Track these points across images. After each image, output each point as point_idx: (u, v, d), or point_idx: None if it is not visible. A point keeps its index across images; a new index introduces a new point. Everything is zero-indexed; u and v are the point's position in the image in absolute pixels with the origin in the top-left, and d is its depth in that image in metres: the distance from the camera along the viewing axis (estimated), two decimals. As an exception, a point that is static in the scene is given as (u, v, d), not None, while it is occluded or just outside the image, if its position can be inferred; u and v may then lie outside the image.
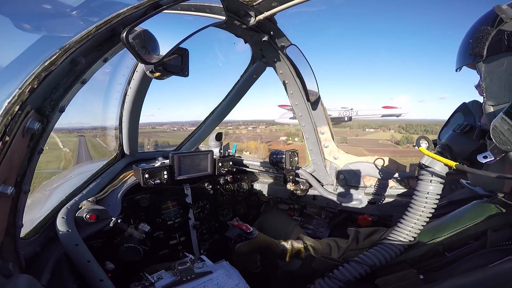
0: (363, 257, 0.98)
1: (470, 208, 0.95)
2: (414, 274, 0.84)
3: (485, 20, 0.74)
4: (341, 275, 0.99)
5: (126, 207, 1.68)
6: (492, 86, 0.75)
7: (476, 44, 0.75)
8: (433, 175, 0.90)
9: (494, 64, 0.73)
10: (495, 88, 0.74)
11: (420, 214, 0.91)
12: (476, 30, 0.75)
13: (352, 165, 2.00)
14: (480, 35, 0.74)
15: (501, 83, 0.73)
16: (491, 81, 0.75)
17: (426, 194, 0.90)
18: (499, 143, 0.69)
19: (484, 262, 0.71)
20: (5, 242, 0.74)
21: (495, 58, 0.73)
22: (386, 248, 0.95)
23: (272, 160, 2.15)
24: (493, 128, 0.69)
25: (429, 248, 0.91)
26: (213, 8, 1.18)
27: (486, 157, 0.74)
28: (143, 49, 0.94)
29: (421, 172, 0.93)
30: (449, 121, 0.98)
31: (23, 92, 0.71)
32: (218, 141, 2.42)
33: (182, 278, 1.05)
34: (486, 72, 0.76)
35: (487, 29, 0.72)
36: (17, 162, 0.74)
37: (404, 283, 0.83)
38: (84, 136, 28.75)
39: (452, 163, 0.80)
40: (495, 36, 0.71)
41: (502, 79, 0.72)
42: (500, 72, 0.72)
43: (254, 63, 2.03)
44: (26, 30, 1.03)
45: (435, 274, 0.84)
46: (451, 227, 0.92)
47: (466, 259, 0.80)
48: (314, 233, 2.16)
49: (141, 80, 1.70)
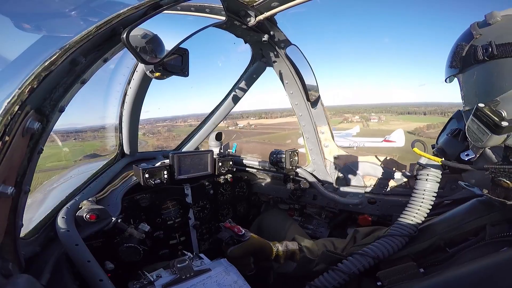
0: (366, 250, 1.04)
1: (469, 205, 1.01)
2: (414, 267, 0.90)
3: (463, 36, 0.85)
4: (345, 267, 1.04)
5: (126, 207, 1.68)
6: (467, 93, 0.86)
7: (454, 58, 0.86)
8: (429, 174, 1.02)
9: (467, 74, 0.83)
10: (469, 95, 0.85)
11: (418, 208, 1.02)
12: (456, 45, 0.86)
13: (352, 164, 2.00)
14: (457, 50, 0.84)
15: (473, 90, 0.83)
16: (466, 90, 0.86)
17: (423, 191, 1.02)
18: (473, 141, 0.79)
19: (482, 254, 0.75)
20: (5, 242, 0.74)
21: (468, 70, 0.82)
22: (388, 241, 1.02)
23: (272, 160, 2.15)
24: (467, 128, 0.80)
25: (430, 243, 0.97)
26: (213, 8, 1.18)
27: (468, 155, 0.85)
28: (143, 49, 0.94)
29: (419, 172, 1.05)
30: (445, 127, 1.05)
31: (23, 92, 0.71)
32: (218, 141, 2.42)
33: (181, 276, 1.05)
34: (462, 82, 0.87)
35: (462, 45, 0.83)
36: (17, 162, 0.74)
37: (404, 276, 0.88)
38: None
39: (438, 159, 0.92)
40: (467, 50, 0.81)
41: (474, 86, 0.82)
42: (472, 82, 0.83)
43: (254, 63, 2.03)
44: (26, 30, 1.03)
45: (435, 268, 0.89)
46: (451, 223, 0.97)
47: (464, 252, 0.85)
48: (314, 233, 2.15)
49: (141, 80, 1.70)
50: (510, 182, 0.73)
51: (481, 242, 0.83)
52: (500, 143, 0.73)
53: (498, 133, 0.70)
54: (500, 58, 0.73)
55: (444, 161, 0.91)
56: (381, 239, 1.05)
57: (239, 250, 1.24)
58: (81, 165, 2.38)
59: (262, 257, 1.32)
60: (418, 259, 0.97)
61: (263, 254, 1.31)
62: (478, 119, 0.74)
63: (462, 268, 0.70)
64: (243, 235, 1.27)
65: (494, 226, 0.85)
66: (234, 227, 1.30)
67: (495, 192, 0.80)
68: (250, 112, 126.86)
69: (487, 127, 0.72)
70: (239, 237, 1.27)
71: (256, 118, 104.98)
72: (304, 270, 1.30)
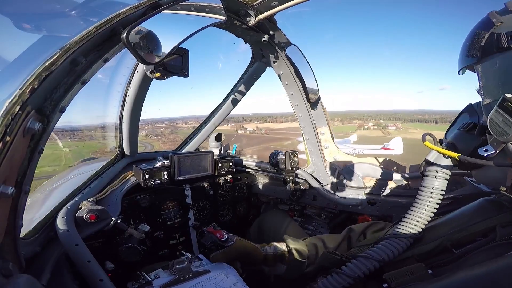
0: (371, 253, 0.99)
1: (477, 204, 0.96)
2: (422, 268, 0.86)
3: (481, 24, 0.81)
4: (350, 271, 0.99)
5: (126, 207, 1.68)
6: (488, 84, 0.81)
7: (472, 47, 0.81)
8: (438, 171, 0.94)
9: (488, 64, 0.79)
10: (491, 86, 0.80)
11: (425, 208, 0.95)
12: (473, 34, 0.81)
13: (352, 166, 2.00)
14: (475, 38, 0.80)
15: (495, 81, 0.78)
16: (487, 80, 0.81)
17: (431, 189, 0.94)
18: (496, 135, 0.74)
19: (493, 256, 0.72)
20: (5, 242, 0.74)
21: (489, 59, 0.78)
22: (394, 242, 0.97)
23: (272, 161, 2.14)
24: (490, 121, 0.75)
25: (436, 244, 0.93)
26: (213, 8, 1.18)
27: (486, 150, 0.79)
28: (143, 49, 0.94)
29: (427, 168, 0.97)
30: (455, 121, 1.02)
31: (23, 92, 0.71)
32: (218, 142, 2.42)
33: (179, 277, 1.04)
34: (482, 72, 0.81)
35: (481, 33, 0.79)
36: (17, 162, 0.74)
37: (413, 277, 0.84)
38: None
39: (455, 154, 0.85)
40: (488, 38, 0.77)
41: (496, 76, 0.78)
42: (493, 71, 0.78)
43: (254, 64, 2.03)
44: (27, 30, 1.03)
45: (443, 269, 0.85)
46: (459, 223, 0.93)
47: (474, 253, 0.81)
48: (314, 233, 2.15)
49: (141, 80, 1.70)
50: None
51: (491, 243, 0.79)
52: None
53: None
54: None
55: (462, 156, 0.84)
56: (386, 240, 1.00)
57: (221, 255, 1.21)
58: (81, 165, 2.38)
59: (249, 261, 1.29)
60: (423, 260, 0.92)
61: (250, 258, 1.28)
62: (505, 111, 0.69)
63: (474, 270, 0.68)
64: (226, 240, 1.24)
65: (504, 227, 0.81)
66: (217, 232, 1.26)
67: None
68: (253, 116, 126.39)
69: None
70: (222, 242, 1.23)
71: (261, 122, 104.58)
72: (295, 272, 1.27)
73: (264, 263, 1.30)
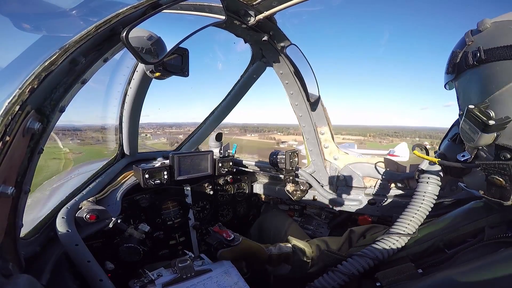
0: (366, 251, 1.05)
1: (468, 207, 1.02)
2: (412, 268, 0.93)
3: (458, 44, 0.88)
4: (345, 268, 1.05)
5: (126, 207, 1.68)
6: (461, 98, 0.90)
7: (450, 65, 0.90)
8: (430, 177, 1.07)
9: (462, 80, 0.87)
10: (464, 100, 0.89)
11: (418, 209, 1.05)
12: (452, 53, 0.89)
13: (352, 165, 1.99)
14: (452, 57, 0.88)
15: (466, 95, 0.88)
16: (460, 94, 0.91)
17: (423, 193, 1.06)
18: (466, 141, 0.84)
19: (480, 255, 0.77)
20: (5, 242, 0.74)
21: (462, 75, 0.86)
22: (387, 241, 1.04)
23: (272, 161, 2.14)
24: (460, 129, 0.85)
25: (429, 244, 0.99)
26: (213, 8, 1.18)
27: (464, 156, 0.88)
28: (142, 49, 0.94)
29: (420, 176, 1.10)
30: (447, 133, 1.08)
31: (23, 92, 0.71)
32: (218, 142, 2.42)
33: (182, 276, 1.06)
34: (458, 88, 0.91)
35: (456, 52, 0.87)
36: (17, 162, 0.74)
37: (403, 276, 0.91)
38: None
39: (434, 159, 0.97)
40: (461, 57, 0.84)
41: (466, 91, 0.87)
42: (464, 86, 0.87)
43: (254, 63, 2.02)
44: (26, 30, 1.03)
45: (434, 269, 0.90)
46: (450, 225, 0.99)
47: (463, 253, 0.86)
48: (314, 233, 2.15)
49: (141, 80, 1.70)
50: (502, 179, 0.75)
51: (479, 243, 0.85)
52: (490, 142, 0.77)
53: (487, 131, 0.74)
54: (488, 62, 0.76)
55: (440, 161, 0.96)
56: (380, 240, 1.06)
57: (228, 254, 1.24)
58: (81, 165, 2.38)
59: (254, 261, 1.32)
60: (417, 260, 0.98)
61: (255, 258, 1.30)
62: (469, 119, 0.79)
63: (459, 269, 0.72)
64: (232, 240, 1.26)
65: (492, 228, 0.87)
66: (223, 231, 1.28)
67: (490, 192, 0.82)
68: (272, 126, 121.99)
69: (478, 126, 0.76)
70: (229, 242, 1.25)
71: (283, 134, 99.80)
72: (300, 272, 1.30)
73: (268, 263, 1.32)
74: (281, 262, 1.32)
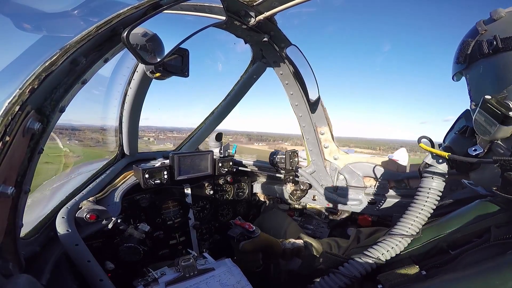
0: (368, 253, 1.00)
1: (473, 206, 0.97)
2: (415, 269, 0.88)
3: (469, 33, 0.85)
4: (347, 271, 1.01)
5: (126, 207, 1.69)
6: (474, 89, 0.87)
7: (461, 54, 0.86)
8: (436, 172, 0.98)
9: (474, 70, 0.84)
10: (476, 90, 0.85)
11: (422, 208, 0.97)
12: (462, 42, 0.86)
13: (352, 165, 2.00)
14: (463, 47, 0.85)
15: (479, 85, 0.84)
16: (473, 85, 0.87)
17: (428, 189, 0.98)
18: (480, 134, 0.80)
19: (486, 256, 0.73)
20: (5, 242, 0.74)
21: (474, 65, 0.83)
22: (389, 242, 0.98)
23: (272, 161, 2.15)
24: (474, 121, 0.81)
25: (433, 245, 0.94)
26: (213, 8, 1.18)
27: (475, 150, 0.85)
28: (143, 50, 0.94)
29: (425, 170, 1.01)
30: (453, 126, 1.04)
31: (23, 92, 0.71)
32: (218, 142, 2.42)
33: (185, 274, 1.06)
34: (469, 79, 0.87)
35: (468, 41, 0.84)
36: (17, 162, 0.74)
37: (406, 278, 0.86)
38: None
39: (445, 154, 0.91)
40: (473, 46, 0.82)
41: (480, 81, 0.83)
42: (478, 76, 0.84)
43: (254, 64, 2.03)
44: (27, 30, 1.03)
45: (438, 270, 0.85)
46: (454, 224, 0.94)
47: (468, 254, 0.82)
48: (314, 233, 2.16)
49: (141, 80, 1.70)
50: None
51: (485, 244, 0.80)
52: (508, 135, 0.73)
53: (507, 123, 0.70)
54: (505, 51, 0.73)
55: (451, 155, 0.89)
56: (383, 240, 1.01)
57: (250, 245, 1.26)
58: (81, 165, 2.38)
59: (270, 253, 1.35)
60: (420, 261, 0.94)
61: (272, 250, 1.33)
62: (486, 111, 0.74)
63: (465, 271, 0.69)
64: (253, 232, 1.29)
65: (499, 227, 0.82)
66: (244, 224, 1.32)
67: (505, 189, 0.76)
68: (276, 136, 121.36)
69: (495, 118, 0.72)
70: (250, 233, 1.29)
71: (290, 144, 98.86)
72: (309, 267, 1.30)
73: (282, 257, 1.35)
74: (293, 255, 1.35)
